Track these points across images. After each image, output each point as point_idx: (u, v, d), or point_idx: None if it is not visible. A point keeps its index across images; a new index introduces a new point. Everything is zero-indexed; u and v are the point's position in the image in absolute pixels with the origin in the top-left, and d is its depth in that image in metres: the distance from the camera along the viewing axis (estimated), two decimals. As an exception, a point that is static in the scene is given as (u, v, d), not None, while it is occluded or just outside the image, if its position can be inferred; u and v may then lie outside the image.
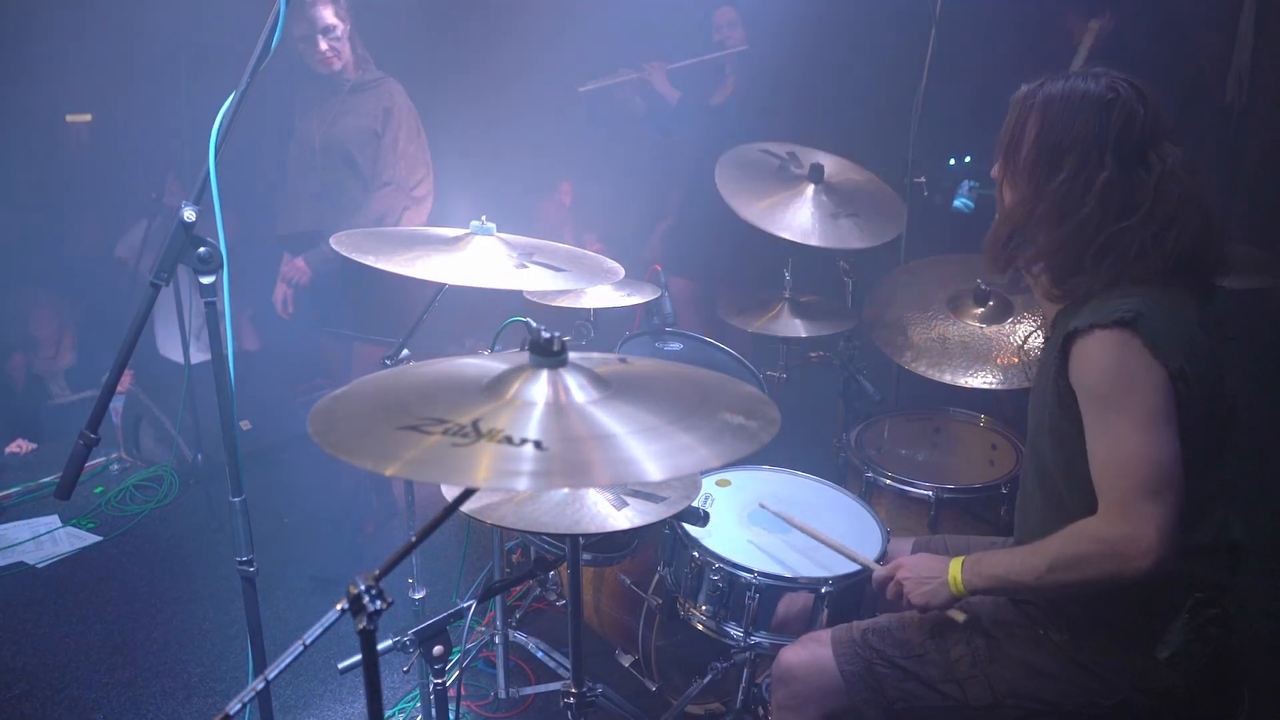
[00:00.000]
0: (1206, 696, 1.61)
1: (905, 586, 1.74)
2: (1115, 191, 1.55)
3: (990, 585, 1.65)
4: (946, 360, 2.51)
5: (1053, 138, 1.60)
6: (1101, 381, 1.52)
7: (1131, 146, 1.56)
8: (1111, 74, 1.60)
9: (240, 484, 1.79)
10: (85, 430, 1.60)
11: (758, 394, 1.37)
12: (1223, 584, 1.59)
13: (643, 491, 1.90)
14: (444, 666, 1.46)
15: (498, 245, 1.98)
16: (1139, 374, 1.48)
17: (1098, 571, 1.51)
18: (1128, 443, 1.49)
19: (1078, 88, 1.60)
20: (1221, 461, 1.59)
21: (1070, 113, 1.59)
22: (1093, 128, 1.56)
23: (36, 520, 3.82)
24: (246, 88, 1.59)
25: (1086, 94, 1.59)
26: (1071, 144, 1.57)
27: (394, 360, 2.08)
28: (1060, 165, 1.59)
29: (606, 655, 2.57)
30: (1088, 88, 1.59)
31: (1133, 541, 1.46)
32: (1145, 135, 1.56)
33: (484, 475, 1.05)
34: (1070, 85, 1.61)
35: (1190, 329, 1.53)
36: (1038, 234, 1.64)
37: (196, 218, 1.62)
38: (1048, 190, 1.60)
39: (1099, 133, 1.56)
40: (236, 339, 4.00)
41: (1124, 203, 1.55)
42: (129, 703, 2.78)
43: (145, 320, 1.63)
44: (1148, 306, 1.50)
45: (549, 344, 1.24)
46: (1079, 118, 1.58)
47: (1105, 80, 1.59)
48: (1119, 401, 1.50)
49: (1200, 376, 1.50)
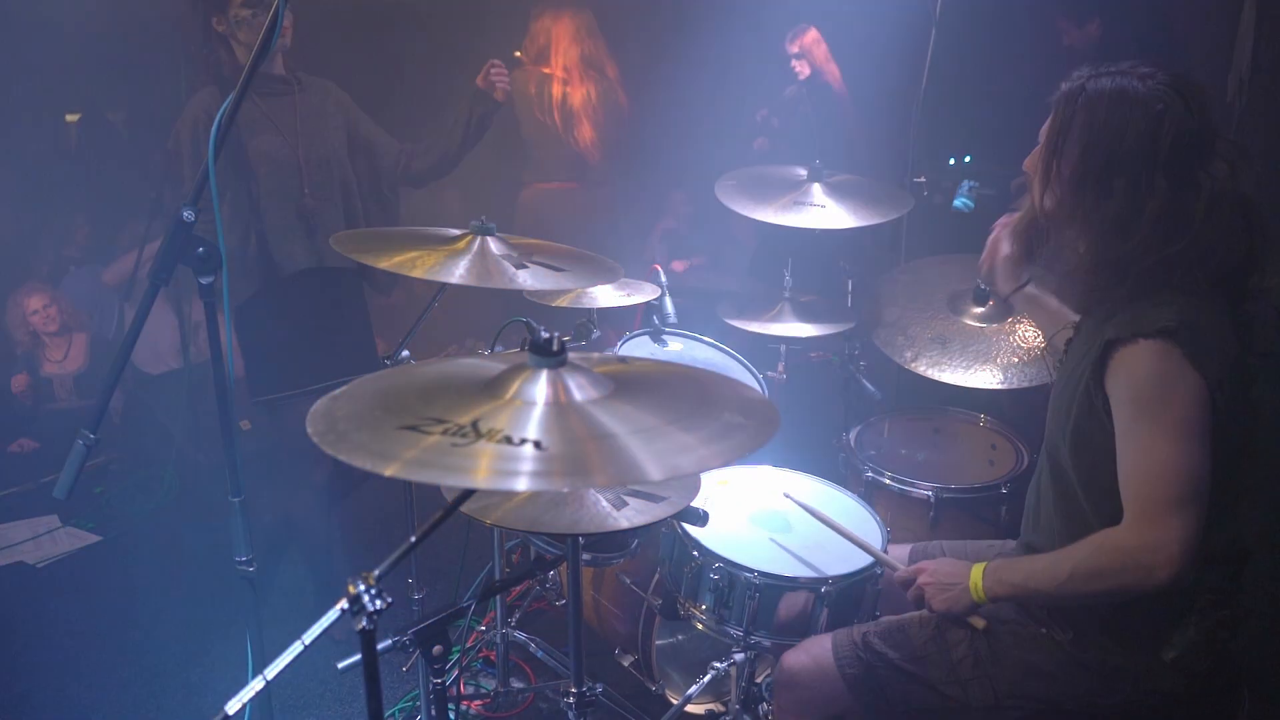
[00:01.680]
0: (1207, 697, 1.61)
1: (927, 592, 1.73)
2: (1167, 216, 1.50)
3: (1011, 593, 1.64)
4: (946, 360, 2.51)
5: (1102, 152, 1.53)
6: (1142, 392, 1.49)
7: (1182, 164, 1.50)
8: (1159, 74, 1.53)
9: (240, 484, 1.79)
10: (85, 430, 1.60)
11: (758, 394, 1.37)
12: (1232, 588, 1.59)
13: (643, 491, 1.90)
14: (444, 666, 1.45)
15: (498, 245, 1.98)
16: (1178, 385, 1.46)
17: (1119, 583, 1.50)
18: (1160, 453, 1.47)
19: (1126, 91, 1.52)
20: (1241, 469, 1.58)
21: (1120, 122, 1.52)
22: (1144, 143, 1.50)
23: (36, 520, 3.82)
24: (245, 87, 1.59)
25: (1136, 99, 1.51)
26: (1122, 162, 1.51)
27: (394, 360, 2.08)
28: (1110, 188, 1.52)
29: (606, 655, 2.57)
30: (1136, 91, 1.52)
31: (1155, 553, 1.46)
32: (1196, 149, 1.51)
33: (483, 475, 1.05)
34: (1117, 86, 1.54)
35: (1226, 337, 1.51)
36: (1078, 246, 1.60)
37: (195, 218, 1.61)
38: (1095, 214, 1.55)
39: (1150, 149, 1.50)
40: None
41: (1174, 225, 1.50)
42: (129, 703, 2.78)
43: (145, 320, 1.63)
44: (1189, 315, 1.48)
45: (548, 344, 1.24)
46: (1129, 129, 1.51)
47: (1153, 83, 1.52)
48: (1155, 411, 1.48)
49: (1234, 385, 1.49)
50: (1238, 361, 1.51)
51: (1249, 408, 1.55)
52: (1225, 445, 1.51)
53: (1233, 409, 1.50)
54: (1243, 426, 1.55)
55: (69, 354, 4.52)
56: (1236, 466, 1.57)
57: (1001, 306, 2.60)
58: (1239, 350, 1.52)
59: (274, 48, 1.61)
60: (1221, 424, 1.48)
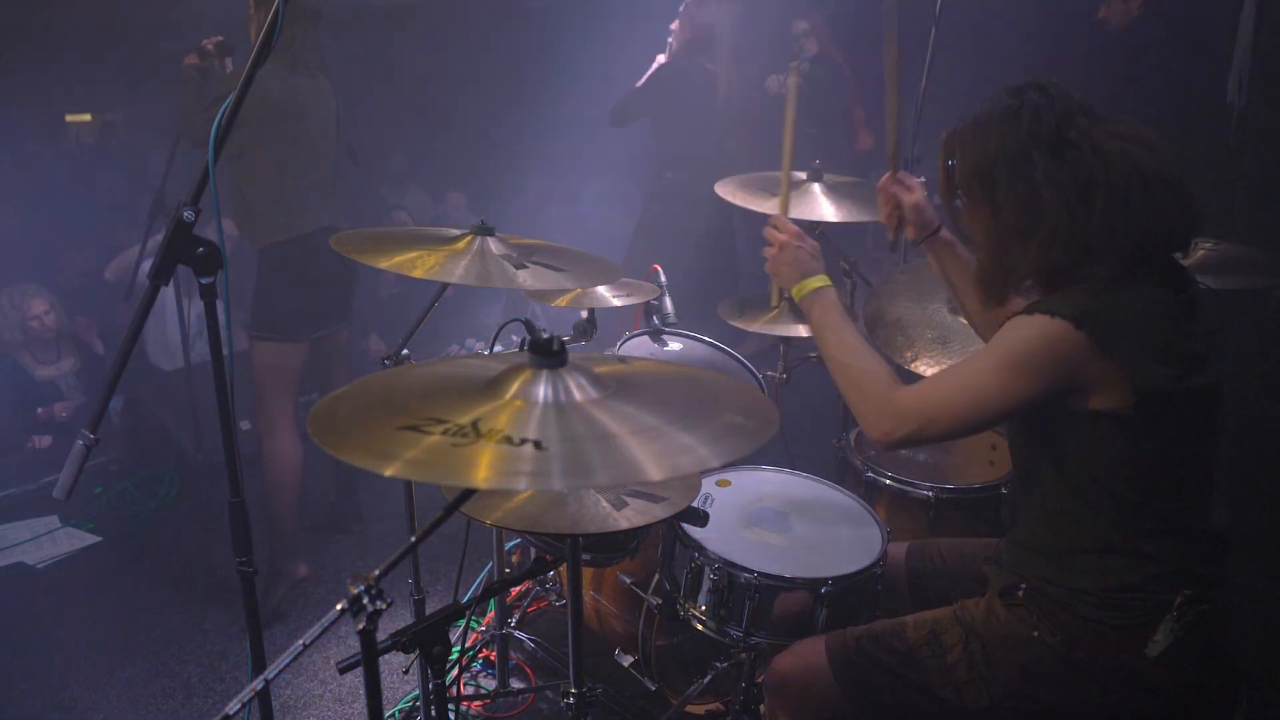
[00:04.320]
0: (1202, 694, 1.61)
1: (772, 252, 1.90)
2: (1060, 177, 1.54)
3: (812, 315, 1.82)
4: (946, 360, 2.50)
5: (978, 161, 1.61)
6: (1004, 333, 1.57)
7: (1049, 136, 1.55)
8: (1014, 86, 1.61)
9: (240, 484, 1.79)
10: (85, 430, 1.60)
11: (758, 394, 1.37)
12: (1211, 577, 1.59)
13: (643, 491, 1.90)
14: (444, 666, 1.45)
15: (498, 245, 1.98)
16: (1034, 324, 1.52)
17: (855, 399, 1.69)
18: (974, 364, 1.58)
19: (981, 113, 1.62)
20: (1210, 457, 1.60)
21: (983, 136, 1.60)
22: (1007, 138, 1.57)
23: (36, 520, 3.83)
24: (245, 87, 1.59)
25: (990, 114, 1.61)
26: (994, 160, 1.58)
27: (394, 360, 2.08)
28: (995, 180, 1.59)
29: (606, 655, 2.57)
30: (990, 109, 1.61)
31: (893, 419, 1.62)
32: (1058, 119, 1.56)
33: (484, 475, 1.05)
34: (974, 114, 1.63)
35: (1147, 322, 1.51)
36: (1014, 248, 1.62)
37: (196, 218, 1.61)
38: (1002, 205, 1.60)
39: (1014, 138, 1.57)
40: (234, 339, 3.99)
41: (1079, 185, 1.53)
42: (129, 703, 2.78)
43: (145, 319, 1.63)
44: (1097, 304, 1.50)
45: (548, 344, 1.24)
46: (991, 135, 1.59)
47: (1006, 95, 1.60)
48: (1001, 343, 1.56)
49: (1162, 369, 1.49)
50: (1166, 346, 1.50)
51: (1199, 392, 1.54)
52: (1177, 431, 1.53)
53: (1170, 393, 1.50)
54: (1193, 410, 1.55)
55: (61, 355, 4.53)
56: (1202, 453, 1.58)
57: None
58: (1170, 334, 1.51)
59: (275, 45, 1.61)
60: (1158, 412, 1.50)
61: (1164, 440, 1.54)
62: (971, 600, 1.77)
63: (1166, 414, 1.52)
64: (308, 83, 3.11)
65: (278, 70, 2.97)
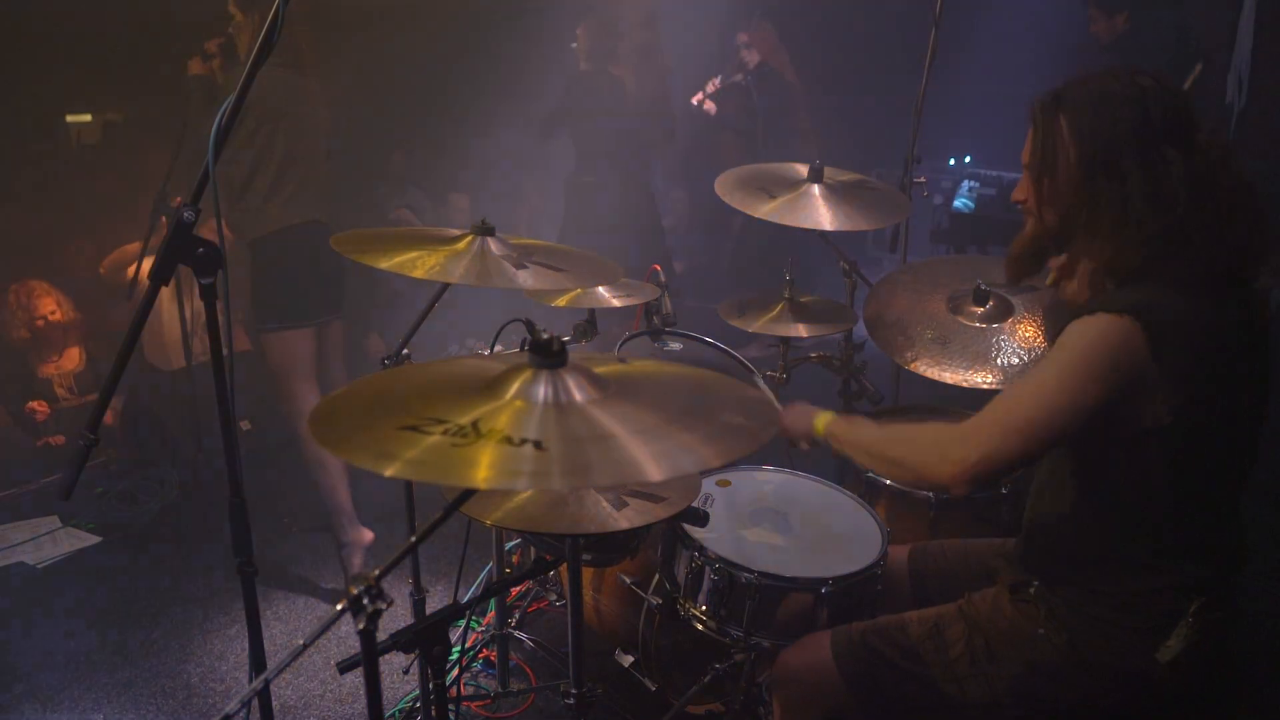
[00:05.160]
0: (1204, 696, 1.61)
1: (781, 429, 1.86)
2: (1189, 176, 1.46)
3: (841, 438, 1.78)
4: (946, 360, 2.50)
5: (1097, 144, 1.50)
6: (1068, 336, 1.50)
7: (1180, 132, 1.48)
8: (1128, 69, 1.53)
9: (240, 484, 1.79)
10: (85, 430, 1.60)
11: (758, 394, 1.37)
12: (1226, 586, 1.59)
13: (643, 491, 1.90)
14: (444, 666, 1.45)
15: (498, 245, 1.98)
16: (1108, 335, 1.45)
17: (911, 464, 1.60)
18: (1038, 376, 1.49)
19: (1102, 89, 1.52)
20: (1241, 470, 1.58)
21: (1107, 114, 1.50)
22: (1137, 123, 1.48)
23: (36, 520, 3.82)
24: (246, 87, 1.59)
25: (1114, 93, 1.50)
26: (1122, 145, 1.49)
27: (394, 360, 2.08)
28: (1120, 170, 1.49)
29: (606, 655, 2.57)
30: (1112, 87, 1.52)
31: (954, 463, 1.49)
32: (1186, 119, 1.50)
33: (484, 476, 1.05)
34: (1092, 88, 1.53)
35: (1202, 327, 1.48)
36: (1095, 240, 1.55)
37: (196, 218, 1.61)
38: (1118, 197, 1.49)
39: (1145, 126, 1.47)
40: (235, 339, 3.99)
41: (1199, 184, 1.47)
42: (129, 703, 2.78)
43: (145, 319, 1.63)
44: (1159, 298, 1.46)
45: (548, 344, 1.24)
46: (1119, 116, 1.49)
47: (1125, 76, 1.52)
48: (1065, 349, 1.48)
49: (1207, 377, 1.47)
50: (1216, 353, 1.48)
51: (1245, 409, 1.54)
52: (1213, 444, 1.51)
53: (1212, 403, 1.48)
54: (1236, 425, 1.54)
55: (64, 355, 4.52)
56: (1235, 467, 1.57)
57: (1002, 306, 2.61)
58: (1220, 343, 1.49)
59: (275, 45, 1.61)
60: (1200, 420, 1.47)
61: (1205, 465, 1.52)
62: (978, 594, 1.77)
63: (1208, 435, 1.49)
64: (295, 78, 3.16)
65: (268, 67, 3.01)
